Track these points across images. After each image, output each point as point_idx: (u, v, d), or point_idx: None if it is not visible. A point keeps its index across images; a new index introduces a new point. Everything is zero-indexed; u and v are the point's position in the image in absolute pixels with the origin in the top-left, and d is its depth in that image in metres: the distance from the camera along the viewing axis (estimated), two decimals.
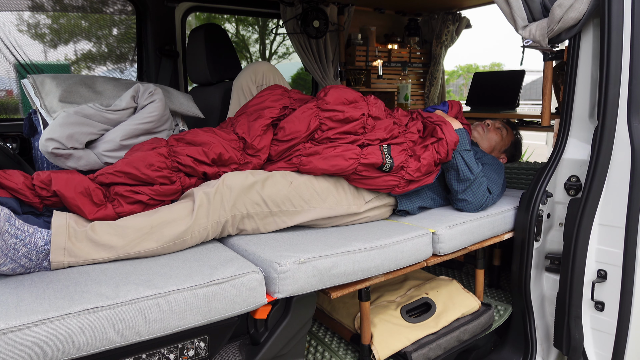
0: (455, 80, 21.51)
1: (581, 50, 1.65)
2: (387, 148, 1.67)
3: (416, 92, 3.90)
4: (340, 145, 1.65)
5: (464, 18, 3.69)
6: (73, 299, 1.02)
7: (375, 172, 1.65)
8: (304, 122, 1.65)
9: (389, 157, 1.64)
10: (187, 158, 1.50)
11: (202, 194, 1.40)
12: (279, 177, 1.56)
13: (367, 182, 1.67)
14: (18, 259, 1.13)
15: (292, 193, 1.54)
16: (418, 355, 1.62)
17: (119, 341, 1.03)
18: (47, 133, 1.55)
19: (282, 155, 1.66)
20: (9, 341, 0.91)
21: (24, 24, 2.61)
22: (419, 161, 1.71)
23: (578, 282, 1.65)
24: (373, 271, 1.47)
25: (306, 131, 1.64)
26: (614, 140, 1.58)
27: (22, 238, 1.13)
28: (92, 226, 1.26)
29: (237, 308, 1.20)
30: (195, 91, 2.63)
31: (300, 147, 1.65)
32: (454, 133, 1.79)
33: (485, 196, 1.84)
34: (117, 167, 1.42)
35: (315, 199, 1.59)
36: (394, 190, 1.70)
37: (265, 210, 1.50)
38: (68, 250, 1.20)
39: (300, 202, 1.56)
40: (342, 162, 1.60)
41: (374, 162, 1.62)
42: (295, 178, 1.59)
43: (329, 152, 1.62)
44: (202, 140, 1.55)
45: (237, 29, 5.19)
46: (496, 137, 2.23)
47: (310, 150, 1.63)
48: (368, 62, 3.47)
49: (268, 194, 1.50)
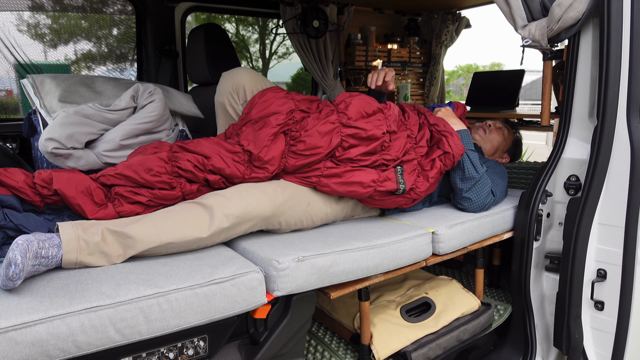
0: (455, 80, 21.51)
1: (581, 50, 1.65)
2: (401, 169, 1.66)
3: (416, 92, 3.89)
4: (360, 169, 1.62)
5: (464, 18, 3.68)
6: (74, 298, 1.03)
7: (387, 196, 1.66)
8: (325, 138, 1.58)
9: (402, 182, 1.64)
10: (187, 163, 1.45)
11: (223, 216, 1.35)
12: (298, 200, 1.55)
13: (377, 203, 1.71)
14: (37, 272, 1.15)
15: (306, 215, 1.57)
16: (418, 354, 1.62)
17: (120, 340, 1.04)
18: (47, 133, 1.55)
19: (300, 170, 1.61)
20: (10, 339, 0.91)
21: (24, 24, 2.61)
22: (428, 181, 1.70)
23: (578, 281, 1.65)
24: (372, 270, 1.47)
25: (327, 148, 1.59)
26: (614, 139, 1.58)
27: (45, 264, 1.14)
28: (103, 236, 1.23)
29: (237, 307, 1.20)
30: (195, 91, 2.63)
31: (320, 165, 1.60)
32: (460, 145, 1.79)
33: (489, 197, 1.84)
34: (118, 170, 1.42)
35: (326, 219, 1.65)
36: (401, 206, 1.75)
37: (277, 228, 1.53)
38: (79, 264, 1.20)
39: (309, 223, 1.60)
40: (360, 189, 1.60)
41: (389, 189, 1.62)
42: (312, 199, 1.59)
43: (348, 177, 1.59)
44: (204, 152, 1.49)
45: (237, 29, 5.19)
46: (498, 138, 2.23)
47: (331, 171, 1.59)
48: (368, 62, 3.47)
49: (285, 219, 1.51)
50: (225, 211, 1.36)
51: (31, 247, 1.07)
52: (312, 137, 1.58)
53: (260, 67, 5.55)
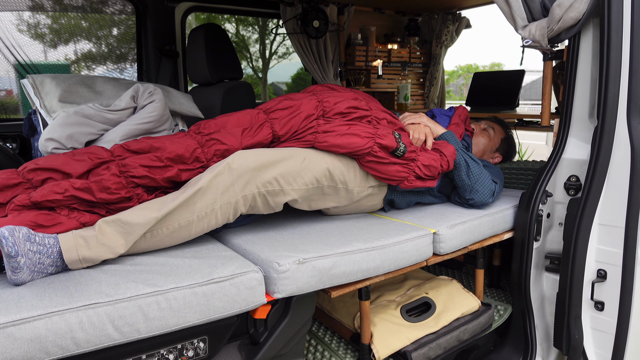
0: (455, 80, 21.52)
1: (581, 50, 1.65)
2: (398, 135, 1.67)
3: (416, 92, 3.90)
4: (354, 123, 1.62)
5: (464, 18, 3.69)
6: (73, 296, 1.03)
7: (389, 157, 1.63)
8: (305, 100, 1.62)
9: (401, 142, 1.63)
10: (140, 169, 1.37)
11: (209, 177, 1.34)
12: (289, 155, 1.51)
13: (380, 167, 1.64)
14: (44, 269, 1.14)
15: (304, 169, 1.51)
16: (418, 354, 1.62)
17: (118, 338, 1.04)
18: (47, 133, 1.55)
19: (294, 135, 1.60)
20: (9, 335, 0.92)
21: (24, 24, 2.61)
22: (427, 159, 1.70)
23: (578, 281, 1.65)
24: (373, 271, 1.47)
25: (308, 105, 1.61)
26: (614, 139, 1.58)
27: (44, 252, 1.13)
28: (100, 229, 1.23)
29: (236, 307, 1.20)
30: (195, 91, 2.63)
31: (313, 124, 1.60)
32: (450, 146, 1.81)
33: (493, 184, 1.85)
34: (63, 189, 1.28)
35: (326, 177, 1.57)
36: (403, 183, 1.70)
37: (277, 188, 1.46)
38: (83, 260, 1.20)
39: (312, 180, 1.54)
40: (359, 140, 1.57)
41: (388, 144, 1.60)
42: (308, 154, 1.55)
43: (344, 130, 1.59)
44: (152, 144, 1.40)
45: (237, 29, 5.19)
46: (484, 140, 2.18)
47: (325, 127, 1.59)
48: (368, 62, 3.47)
49: (281, 172, 1.46)
50: (209, 173, 1.36)
51: (19, 230, 1.09)
52: (290, 101, 1.62)
53: (260, 67, 5.56)
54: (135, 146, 1.43)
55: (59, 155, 1.40)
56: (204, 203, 1.33)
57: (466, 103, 3.06)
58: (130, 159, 1.39)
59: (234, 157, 1.40)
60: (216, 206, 1.36)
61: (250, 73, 5.45)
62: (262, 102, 4.94)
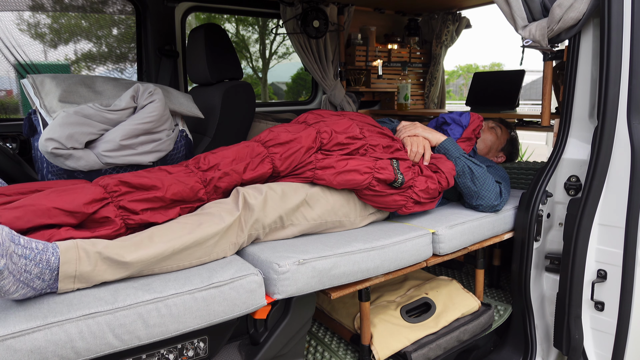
0: (455, 80, 21.51)
1: (581, 50, 1.65)
2: (397, 163, 1.66)
3: (416, 92, 3.89)
4: (353, 157, 1.62)
5: (464, 18, 3.68)
6: (72, 304, 1.02)
7: (386, 189, 1.63)
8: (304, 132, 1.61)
9: (399, 172, 1.63)
10: (142, 215, 1.31)
11: (225, 214, 1.33)
12: (293, 191, 1.52)
13: (377, 199, 1.64)
14: (30, 281, 1.00)
15: (306, 207, 1.53)
16: (418, 355, 1.62)
17: (118, 346, 1.03)
18: (47, 133, 1.55)
19: (293, 171, 1.60)
20: (8, 348, 0.91)
21: (24, 24, 2.61)
22: (426, 183, 1.69)
23: (578, 282, 1.65)
24: (373, 272, 1.47)
25: (307, 138, 1.60)
26: (614, 140, 1.58)
27: (32, 257, 0.99)
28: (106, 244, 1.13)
29: (236, 310, 1.19)
30: (195, 91, 2.63)
31: (312, 158, 1.60)
32: (449, 162, 1.80)
33: (497, 186, 1.84)
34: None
35: (328, 213, 1.58)
36: (401, 210, 1.70)
37: (279, 225, 1.48)
38: (79, 277, 1.08)
39: (313, 216, 1.55)
40: (358, 176, 1.58)
41: (387, 177, 1.60)
42: (309, 190, 1.56)
43: (342, 166, 1.58)
44: (153, 185, 1.34)
45: (237, 29, 5.18)
46: (491, 137, 2.23)
47: (324, 162, 1.59)
48: (368, 62, 3.47)
49: (285, 211, 1.47)
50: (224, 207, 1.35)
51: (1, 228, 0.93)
52: (290, 134, 1.60)
53: (260, 67, 5.56)
54: (136, 181, 1.34)
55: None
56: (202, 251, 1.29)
57: (466, 103, 3.05)
58: (130, 203, 1.30)
59: (245, 206, 1.39)
60: (225, 246, 1.34)
61: (250, 73, 5.45)
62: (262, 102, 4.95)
